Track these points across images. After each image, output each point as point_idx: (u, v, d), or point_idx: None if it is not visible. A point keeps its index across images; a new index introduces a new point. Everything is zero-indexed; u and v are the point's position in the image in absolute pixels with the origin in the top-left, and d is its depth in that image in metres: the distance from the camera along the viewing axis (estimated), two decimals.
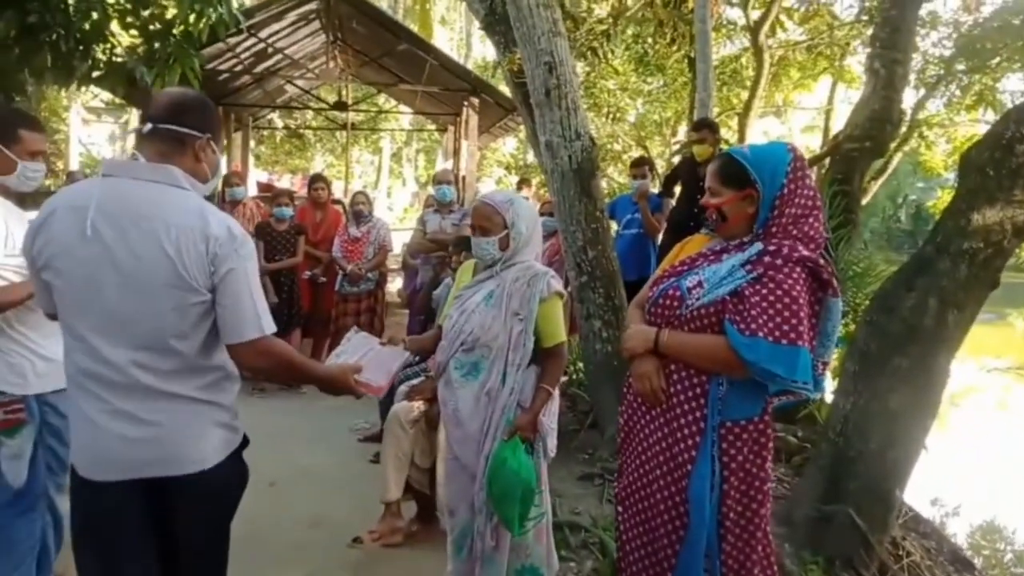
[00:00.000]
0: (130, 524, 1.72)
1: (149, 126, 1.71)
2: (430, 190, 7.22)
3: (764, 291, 1.93)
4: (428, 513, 3.47)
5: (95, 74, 4.29)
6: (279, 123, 21.05)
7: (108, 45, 4.20)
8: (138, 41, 4.39)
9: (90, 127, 22.07)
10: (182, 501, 1.74)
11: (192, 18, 4.22)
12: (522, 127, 13.73)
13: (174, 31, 4.30)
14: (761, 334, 1.89)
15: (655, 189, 6.03)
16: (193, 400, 1.70)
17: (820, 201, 2.04)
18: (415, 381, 4.32)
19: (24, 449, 2.34)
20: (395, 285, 8.50)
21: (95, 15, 4.03)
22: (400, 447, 3.32)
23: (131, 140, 19.33)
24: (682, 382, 2.06)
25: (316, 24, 10.37)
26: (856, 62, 10.55)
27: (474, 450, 2.50)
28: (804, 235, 2.01)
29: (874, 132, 5.09)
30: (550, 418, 2.59)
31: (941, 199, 8.81)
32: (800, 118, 18.42)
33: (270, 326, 1.73)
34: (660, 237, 5.66)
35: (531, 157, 17.44)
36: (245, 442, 1.87)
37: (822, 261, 1.99)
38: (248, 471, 1.90)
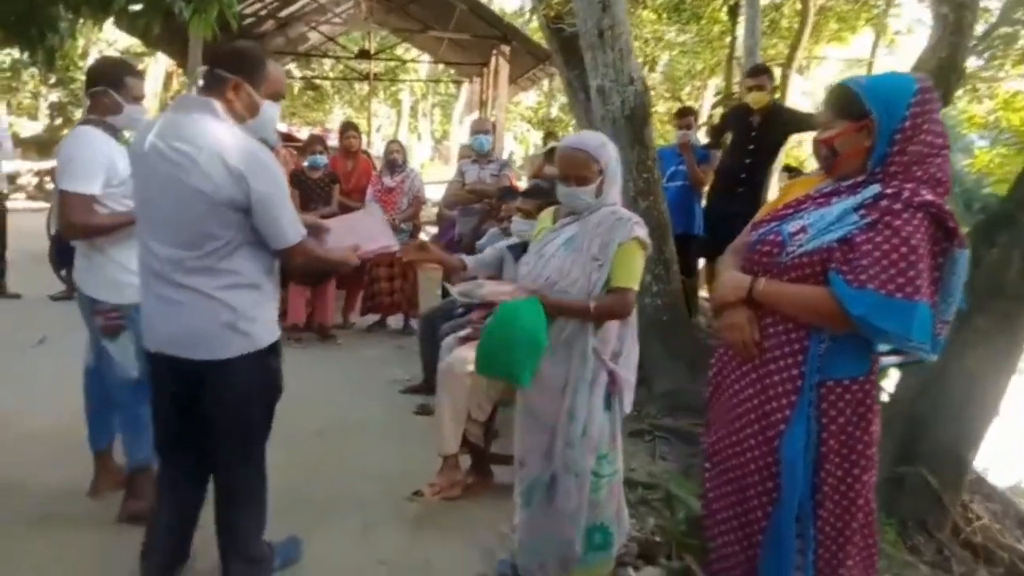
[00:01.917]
0: (167, 391, 2.22)
1: (203, 68, 2.15)
2: (465, 140, 7.03)
3: (879, 239, 1.76)
4: (483, 466, 3.40)
5: (132, 8, 4.09)
6: (297, 74, 20.71)
7: None
8: None
9: None
10: (203, 387, 2.14)
11: None
12: (547, 79, 13.40)
13: None
14: (872, 286, 1.72)
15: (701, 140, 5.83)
16: (207, 296, 2.05)
17: (948, 141, 1.86)
18: (462, 333, 4.23)
19: (127, 347, 2.75)
20: (426, 237, 8.36)
21: None
22: (456, 400, 3.23)
23: (148, 86, 19.09)
24: (778, 336, 1.91)
25: None
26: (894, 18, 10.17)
27: (551, 401, 2.40)
28: (930, 177, 1.81)
29: (939, 82, 4.84)
30: (629, 371, 2.47)
31: (978, 158, 8.52)
32: (824, 73, 17.83)
33: (303, 230, 2.15)
34: (706, 189, 5.49)
35: (555, 110, 17.14)
36: (272, 351, 2.20)
37: (948, 207, 1.82)
38: (276, 378, 2.27)
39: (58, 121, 21.60)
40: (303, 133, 20.09)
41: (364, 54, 11.00)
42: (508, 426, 3.07)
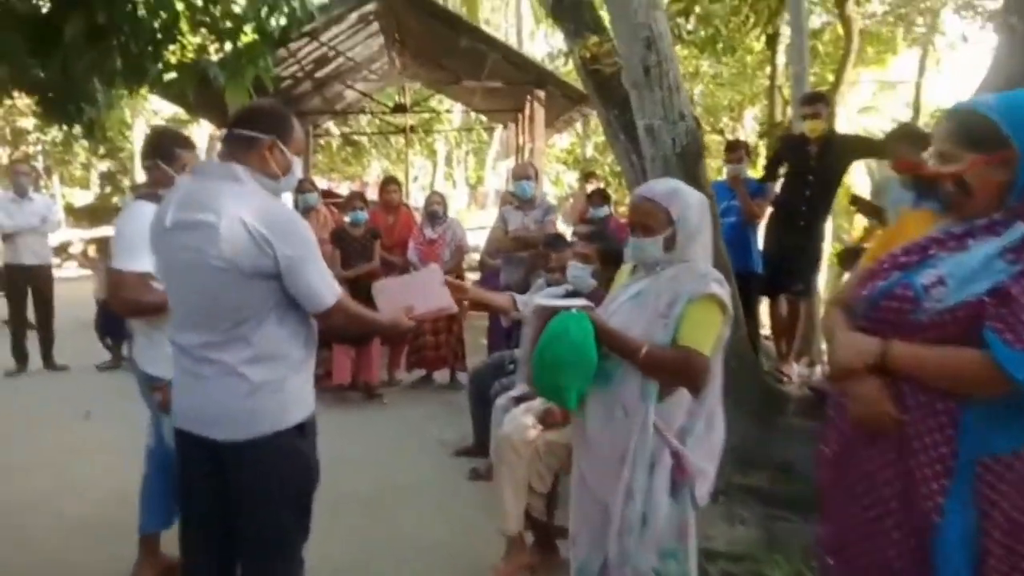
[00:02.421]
0: (194, 471, 2.06)
1: (224, 131, 2.05)
2: (500, 184, 6.88)
3: None
4: (548, 541, 3.11)
5: (166, 77, 4.06)
6: (335, 131, 21.09)
7: (178, 45, 3.98)
8: (209, 41, 4.16)
9: None
10: (230, 468, 1.99)
11: (264, 13, 3.96)
12: (582, 119, 13.33)
13: (246, 28, 4.04)
14: None
15: (753, 174, 5.57)
16: (231, 371, 1.92)
17: None
18: (515, 392, 3.99)
19: None
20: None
21: (164, 14, 3.80)
22: (516, 474, 2.97)
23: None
24: (920, 407, 1.59)
25: (374, 27, 10.16)
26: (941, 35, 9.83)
27: (605, 473, 2.13)
28: None
29: None
30: (704, 457, 2.17)
31: None
32: (857, 98, 17.34)
33: (340, 290, 2.01)
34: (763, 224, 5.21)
35: (590, 151, 17.04)
36: (303, 431, 2.02)
37: None
38: (307, 464, 2.06)
39: (108, 189, 22.28)
40: (343, 188, 20.44)
41: (400, 108, 11.06)
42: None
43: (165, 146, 2.81)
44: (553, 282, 3.86)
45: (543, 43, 21.90)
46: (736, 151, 5.29)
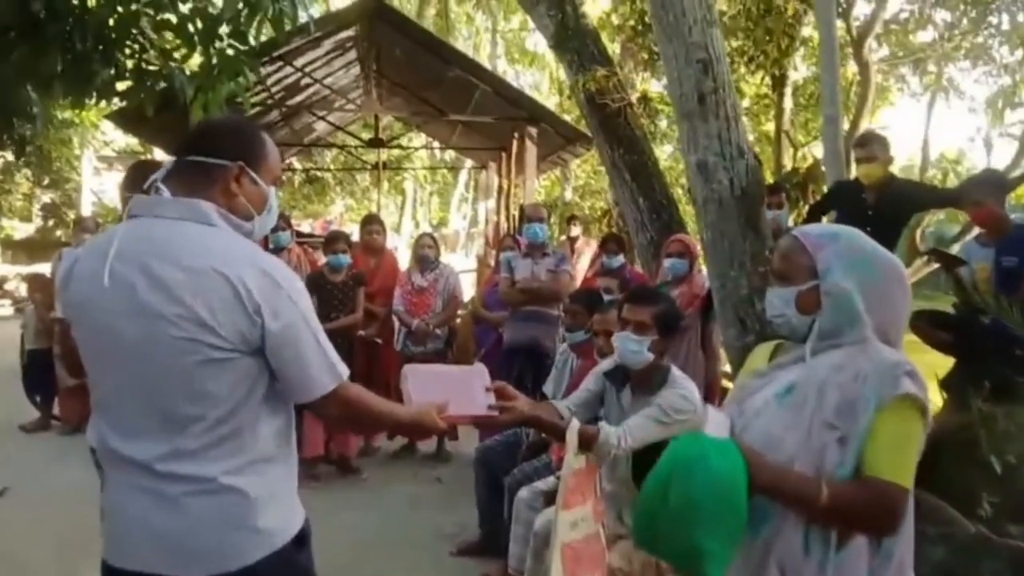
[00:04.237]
0: None
1: (173, 160, 1.56)
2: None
3: None
4: None
5: (120, 86, 3.28)
6: (298, 166, 20.27)
7: (136, 47, 3.21)
8: (174, 45, 3.40)
9: (102, 176, 21.40)
10: None
11: (244, 13, 3.23)
12: (574, 159, 12.79)
13: (221, 31, 3.30)
14: None
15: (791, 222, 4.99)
16: (212, 485, 1.43)
17: None
18: (543, 485, 3.24)
19: None
20: None
21: (120, 8, 3.04)
22: None
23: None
24: None
25: (352, 54, 9.50)
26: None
27: None
28: None
29: None
30: None
31: None
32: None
33: (344, 368, 1.55)
34: None
35: (569, 194, 16.52)
36: (300, 542, 1.56)
37: None
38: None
39: (50, 223, 21.01)
40: (303, 227, 19.56)
41: (376, 142, 10.35)
42: None
43: (149, 178, 2.14)
44: (600, 352, 3.13)
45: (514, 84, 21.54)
46: (775, 195, 4.69)
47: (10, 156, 3.74)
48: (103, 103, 3.55)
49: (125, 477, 1.47)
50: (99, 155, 20.23)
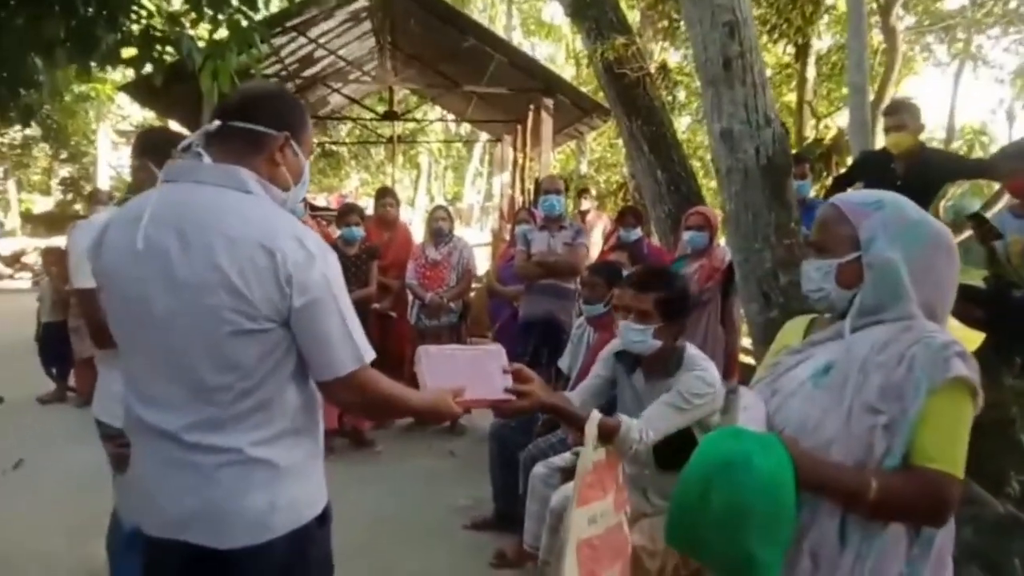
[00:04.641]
0: None
1: (217, 123, 1.50)
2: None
3: None
4: None
5: (125, 52, 3.20)
6: (313, 140, 20.19)
7: (143, 12, 3.13)
8: (183, 9, 3.31)
9: (119, 150, 21.47)
10: None
11: None
12: (590, 132, 12.61)
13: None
14: None
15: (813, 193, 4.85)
16: (241, 456, 1.42)
17: None
18: (560, 461, 3.18)
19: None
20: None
21: None
22: None
23: None
24: None
25: (366, 25, 9.35)
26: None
27: None
28: None
29: None
30: None
31: None
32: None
33: (369, 352, 1.49)
34: None
35: (584, 167, 16.34)
36: (324, 520, 1.56)
37: None
38: (327, 559, 1.61)
39: (69, 196, 21.15)
40: (319, 201, 19.55)
41: (391, 115, 10.22)
42: None
43: (160, 145, 2.28)
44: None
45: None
46: (799, 165, 4.55)
47: (27, 131, 3.66)
48: (111, 72, 3.48)
49: (153, 447, 1.46)
50: (116, 129, 20.26)
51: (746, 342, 4.37)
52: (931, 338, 1.38)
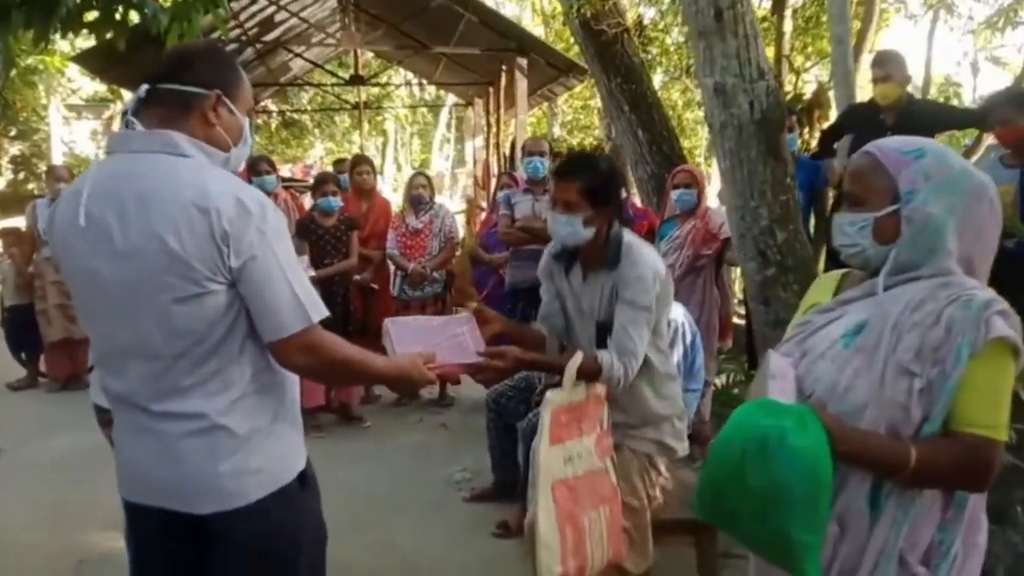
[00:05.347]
0: (157, 551, 1.53)
1: (146, 88, 1.46)
2: (518, 165, 5.94)
3: None
4: None
5: (87, 16, 2.99)
6: (274, 108, 19.61)
7: None
8: None
9: (71, 125, 20.67)
10: (217, 547, 1.46)
11: None
12: (565, 92, 12.38)
13: None
14: None
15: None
16: (204, 422, 1.41)
17: None
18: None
19: None
20: None
21: None
22: None
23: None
24: None
25: None
26: None
27: None
28: None
29: None
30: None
31: None
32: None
33: (318, 311, 1.43)
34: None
35: (557, 130, 16.12)
36: (304, 482, 1.53)
37: None
38: (315, 523, 1.58)
39: (21, 175, 20.36)
40: (283, 172, 19.09)
41: (356, 80, 9.91)
42: None
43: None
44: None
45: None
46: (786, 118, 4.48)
47: None
48: (59, 42, 3.26)
49: (125, 418, 1.49)
50: (66, 103, 19.47)
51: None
52: (970, 297, 1.31)
